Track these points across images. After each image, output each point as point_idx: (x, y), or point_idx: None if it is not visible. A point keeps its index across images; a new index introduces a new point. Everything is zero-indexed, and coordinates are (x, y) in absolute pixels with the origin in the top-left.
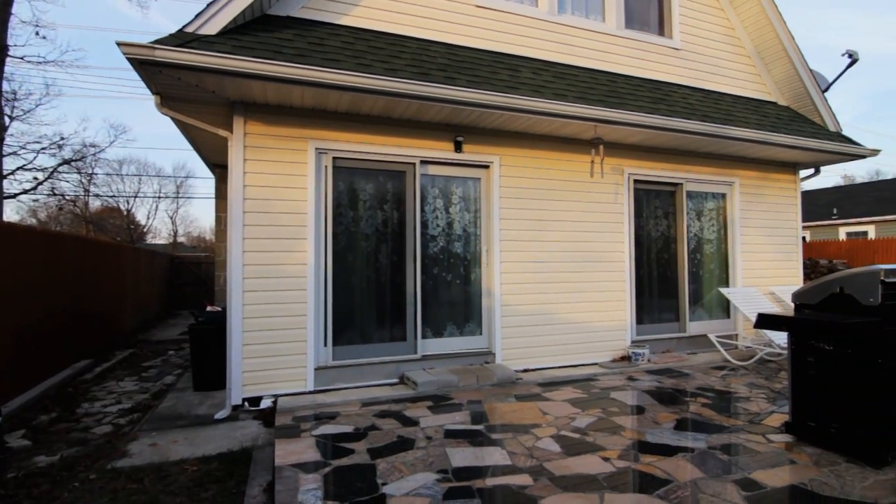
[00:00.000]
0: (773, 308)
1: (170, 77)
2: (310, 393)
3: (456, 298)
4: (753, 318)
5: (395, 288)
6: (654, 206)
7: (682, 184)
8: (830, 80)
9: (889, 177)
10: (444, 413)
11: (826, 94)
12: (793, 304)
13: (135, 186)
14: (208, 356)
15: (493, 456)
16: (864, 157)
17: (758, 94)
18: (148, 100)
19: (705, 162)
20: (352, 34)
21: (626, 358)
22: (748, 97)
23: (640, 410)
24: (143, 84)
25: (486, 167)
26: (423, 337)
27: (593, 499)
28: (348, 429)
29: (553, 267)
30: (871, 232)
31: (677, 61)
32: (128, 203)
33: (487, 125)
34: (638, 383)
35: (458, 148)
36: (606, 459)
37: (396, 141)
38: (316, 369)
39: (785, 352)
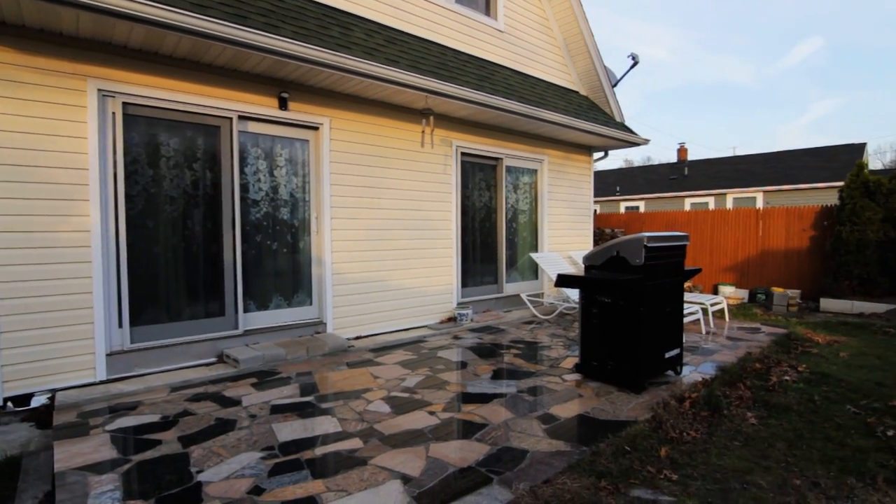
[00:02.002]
0: (570, 269)
1: None
2: (102, 383)
3: (283, 268)
4: (555, 278)
5: (211, 258)
6: (478, 178)
7: (502, 159)
8: (619, 77)
9: (656, 163)
10: (270, 389)
11: (615, 89)
12: (583, 266)
13: None
14: None
15: (324, 425)
16: (639, 144)
17: (565, 82)
18: None
19: (522, 140)
20: None
21: (452, 319)
22: (558, 85)
23: (463, 365)
24: None
25: (316, 129)
26: (246, 311)
27: (420, 451)
28: (154, 418)
29: (386, 234)
30: (642, 206)
31: (501, 43)
32: None
33: (317, 83)
34: (462, 341)
35: (283, 105)
36: (432, 413)
37: (209, 91)
38: (109, 355)
39: (578, 305)
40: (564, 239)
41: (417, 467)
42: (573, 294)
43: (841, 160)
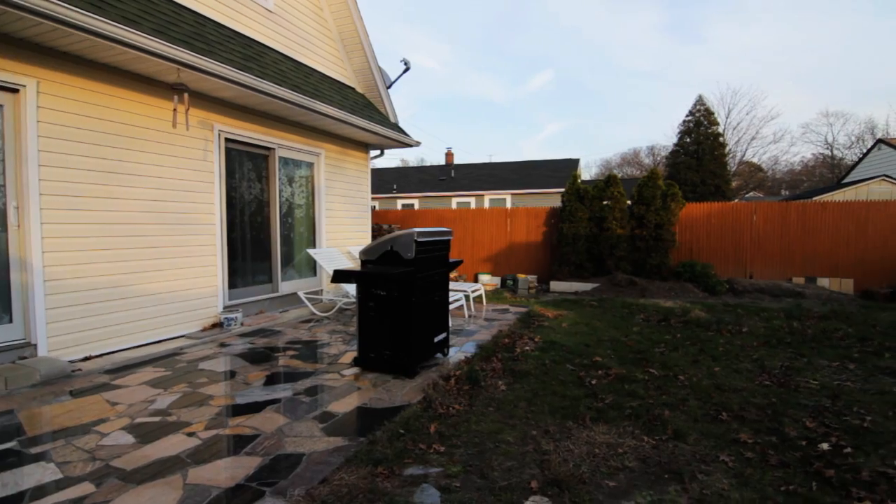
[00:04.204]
0: (349, 265)
1: None
2: None
3: None
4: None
5: None
6: (247, 168)
7: (274, 149)
8: (393, 80)
9: (429, 164)
10: None
11: (389, 90)
12: (360, 260)
13: None
14: None
15: (35, 475)
16: (412, 146)
17: (341, 77)
18: None
19: (297, 131)
20: None
21: (218, 325)
22: (334, 78)
23: (231, 375)
24: None
25: (15, 91)
26: None
27: (175, 480)
28: None
29: (129, 230)
30: (417, 204)
31: (271, 24)
32: None
33: (14, 32)
34: (230, 348)
35: None
36: (192, 434)
37: None
38: None
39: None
40: (344, 234)
41: (172, 500)
42: (352, 289)
43: (564, 171)
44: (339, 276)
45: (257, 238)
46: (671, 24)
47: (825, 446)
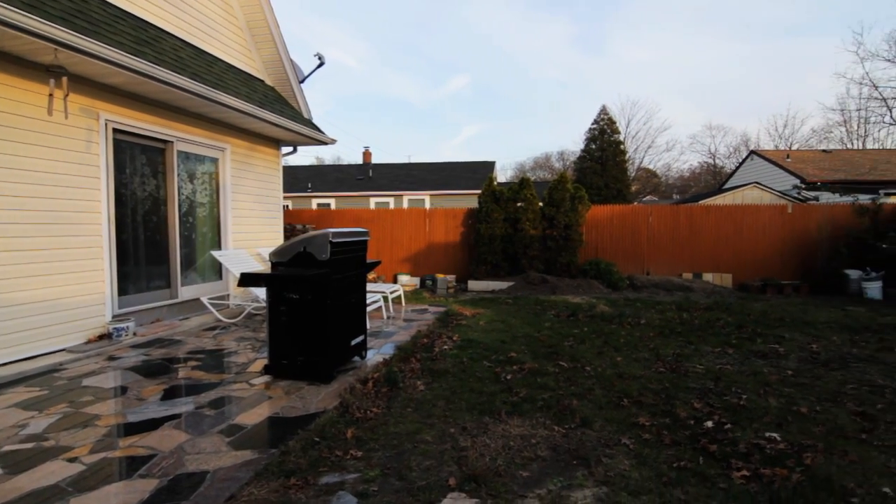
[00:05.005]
0: (259, 267)
1: None
2: None
3: None
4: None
5: None
6: (140, 162)
7: (173, 142)
8: (306, 74)
9: (346, 163)
10: None
11: (303, 85)
12: (271, 262)
13: None
14: None
15: None
16: (326, 143)
17: (249, 68)
18: None
19: (198, 124)
20: None
21: (106, 336)
22: (240, 69)
23: (122, 391)
24: None
25: None
26: None
27: None
28: None
29: None
30: (333, 203)
31: (168, 6)
32: None
33: None
34: (121, 361)
35: None
36: (74, 460)
37: None
38: None
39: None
40: (253, 235)
41: None
42: (262, 293)
43: (481, 173)
44: (247, 280)
45: (153, 239)
46: (578, 36)
47: (709, 424)
